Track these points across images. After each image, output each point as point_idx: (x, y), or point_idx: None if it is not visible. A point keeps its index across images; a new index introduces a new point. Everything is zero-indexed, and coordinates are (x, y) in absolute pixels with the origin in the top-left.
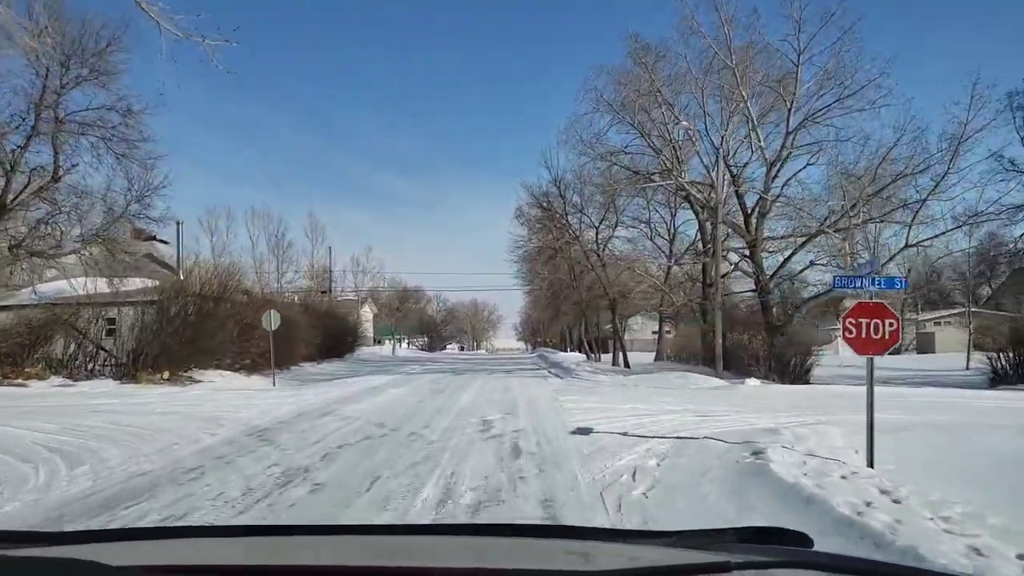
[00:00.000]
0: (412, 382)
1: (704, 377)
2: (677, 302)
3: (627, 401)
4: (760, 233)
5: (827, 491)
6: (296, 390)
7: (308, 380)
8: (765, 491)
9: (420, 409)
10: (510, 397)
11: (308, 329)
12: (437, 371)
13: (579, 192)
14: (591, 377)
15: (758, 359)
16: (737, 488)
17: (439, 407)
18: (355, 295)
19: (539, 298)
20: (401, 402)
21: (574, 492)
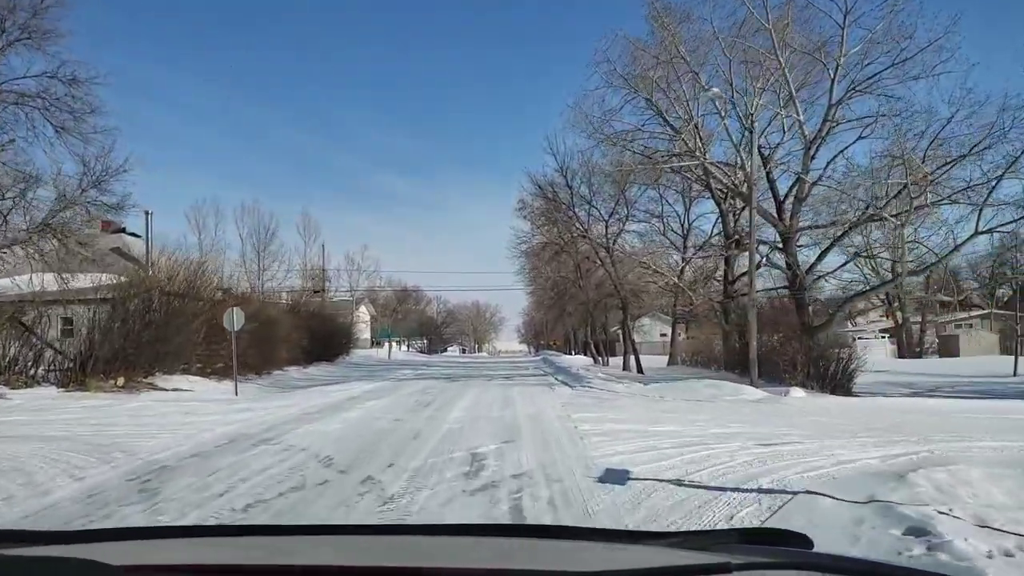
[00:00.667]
0: (399, 391)
1: (737, 386)
2: (696, 300)
3: (658, 420)
4: (795, 222)
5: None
6: (258, 401)
7: (285, 387)
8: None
9: (392, 433)
10: (510, 415)
11: (293, 330)
12: (431, 377)
13: (587, 181)
14: (604, 385)
15: (794, 365)
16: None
17: (418, 430)
18: (350, 295)
19: (542, 299)
20: (371, 422)
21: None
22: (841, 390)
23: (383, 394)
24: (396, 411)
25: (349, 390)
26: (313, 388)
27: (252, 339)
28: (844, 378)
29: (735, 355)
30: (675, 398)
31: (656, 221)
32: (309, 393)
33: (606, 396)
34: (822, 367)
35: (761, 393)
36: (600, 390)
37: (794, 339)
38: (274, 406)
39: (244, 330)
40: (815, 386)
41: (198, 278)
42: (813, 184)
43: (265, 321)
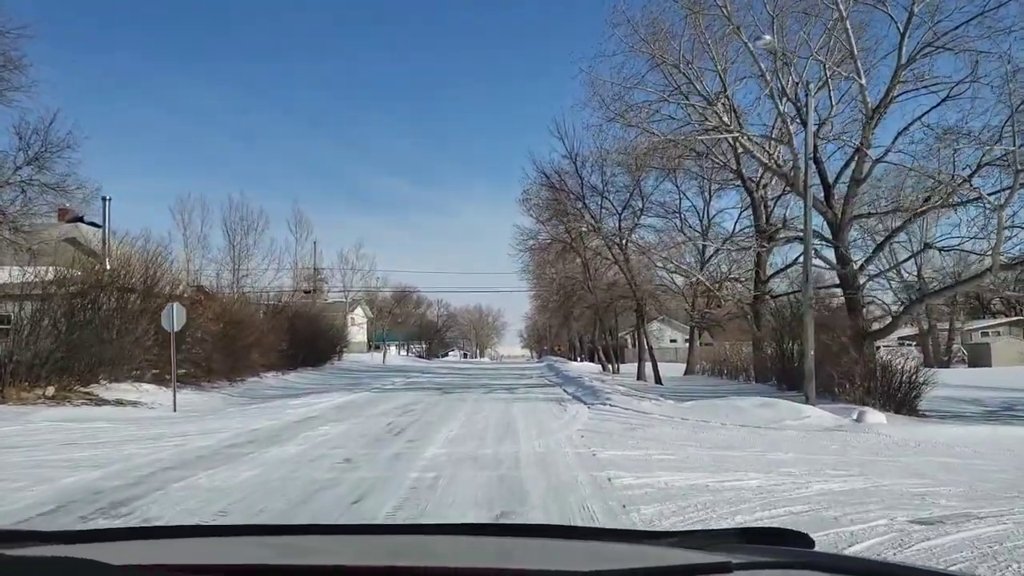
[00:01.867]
0: (374, 407)
1: (793, 406)
2: (724, 302)
3: (725, 464)
4: (850, 208)
5: None
6: (192, 421)
7: (254, 397)
8: None
9: (327, 491)
10: (510, 455)
11: (271, 333)
12: (421, 387)
13: (599, 169)
14: (627, 402)
15: (851, 378)
16: None
17: (367, 486)
18: (343, 296)
19: (547, 301)
20: (309, 465)
21: None
22: (905, 409)
23: (352, 412)
24: (354, 443)
25: (316, 404)
26: (279, 400)
27: (221, 342)
28: (912, 395)
29: (769, 365)
30: (725, 423)
31: (673, 216)
32: (265, 409)
33: (635, 419)
34: (886, 382)
35: (829, 416)
36: (624, 409)
37: (849, 347)
38: (201, 430)
39: (210, 332)
40: (876, 403)
41: (154, 271)
42: (877, 161)
43: (236, 322)
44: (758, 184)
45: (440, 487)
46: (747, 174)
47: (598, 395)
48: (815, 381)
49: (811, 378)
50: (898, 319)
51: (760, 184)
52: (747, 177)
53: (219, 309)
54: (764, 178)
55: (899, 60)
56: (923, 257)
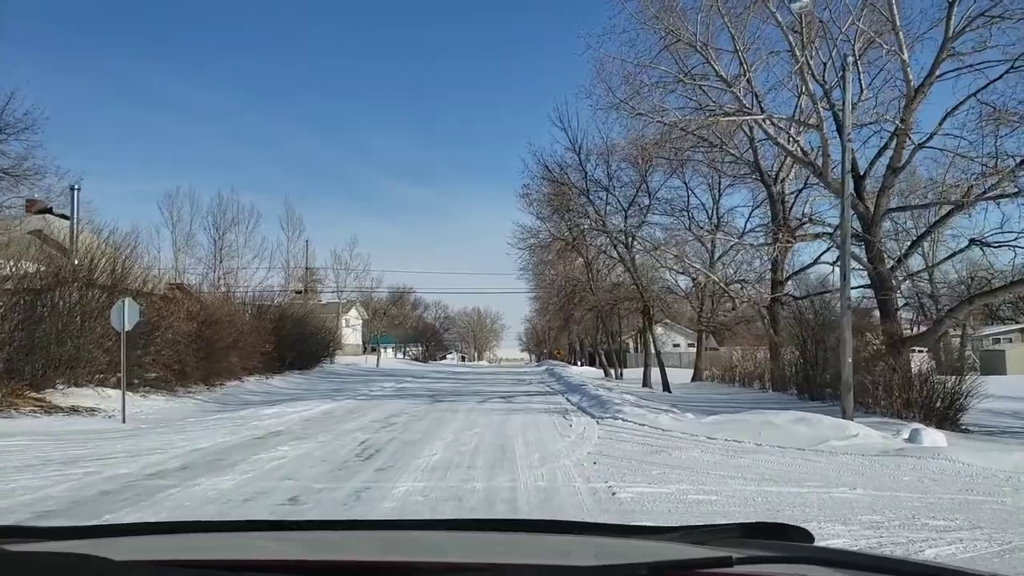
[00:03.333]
0: (351, 420)
1: (834, 421)
2: (740, 303)
3: (787, 510)
4: (885, 200)
5: None
6: (141, 436)
7: (227, 404)
8: None
9: None
10: (506, 489)
11: (254, 334)
12: (411, 394)
13: (604, 161)
14: (641, 416)
15: (888, 388)
16: None
17: None
18: (336, 296)
19: (547, 304)
20: (237, 507)
21: None
22: (949, 424)
23: (326, 426)
24: (312, 471)
25: (288, 414)
26: (251, 408)
27: (195, 343)
28: (955, 408)
29: (788, 373)
30: (760, 444)
31: (681, 214)
32: (229, 420)
33: (655, 439)
34: (927, 393)
35: (876, 435)
36: (638, 424)
37: (885, 354)
38: (134, 450)
39: (183, 332)
40: (916, 417)
41: (122, 265)
42: (920, 146)
43: (213, 322)
44: (776, 178)
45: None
46: (764, 167)
47: (606, 406)
48: (833, 390)
49: (849, 389)
50: (940, 323)
51: (778, 178)
52: (764, 170)
53: (193, 307)
54: (783, 171)
55: (947, 32)
56: (948, 257)
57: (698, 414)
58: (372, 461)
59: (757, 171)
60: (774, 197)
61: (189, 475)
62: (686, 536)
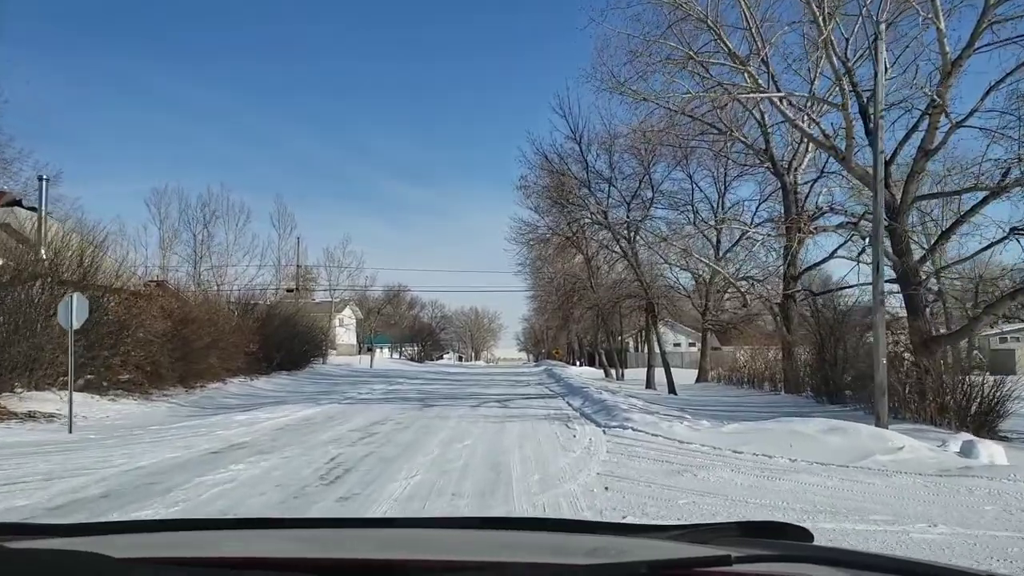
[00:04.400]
0: (328, 428)
1: (872, 431)
2: (752, 299)
3: None
4: (913, 187)
5: None
6: (87, 448)
7: (200, 409)
8: None
9: None
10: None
11: (237, 334)
12: (401, 397)
13: (607, 152)
14: (651, 424)
15: (922, 393)
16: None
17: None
18: (329, 295)
19: (545, 303)
20: None
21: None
22: (987, 431)
23: (297, 436)
24: (259, 500)
25: (260, 422)
26: (223, 415)
27: (172, 344)
28: (995, 414)
29: (802, 373)
30: (795, 459)
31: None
32: (191, 429)
33: (673, 453)
34: (963, 397)
35: (924, 448)
36: (650, 435)
37: (918, 355)
38: (57, 470)
39: (156, 331)
40: (952, 423)
41: (91, 259)
42: (958, 125)
43: (190, 321)
44: (789, 167)
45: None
46: (776, 156)
47: (612, 413)
48: (865, 395)
49: (884, 393)
50: (977, 320)
51: (791, 167)
52: (776, 159)
53: (169, 305)
54: (796, 159)
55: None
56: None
57: (713, 421)
58: (337, 486)
59: (769, 160)
60: (787, 188)
61: (103, 507)
62: (685, 535)
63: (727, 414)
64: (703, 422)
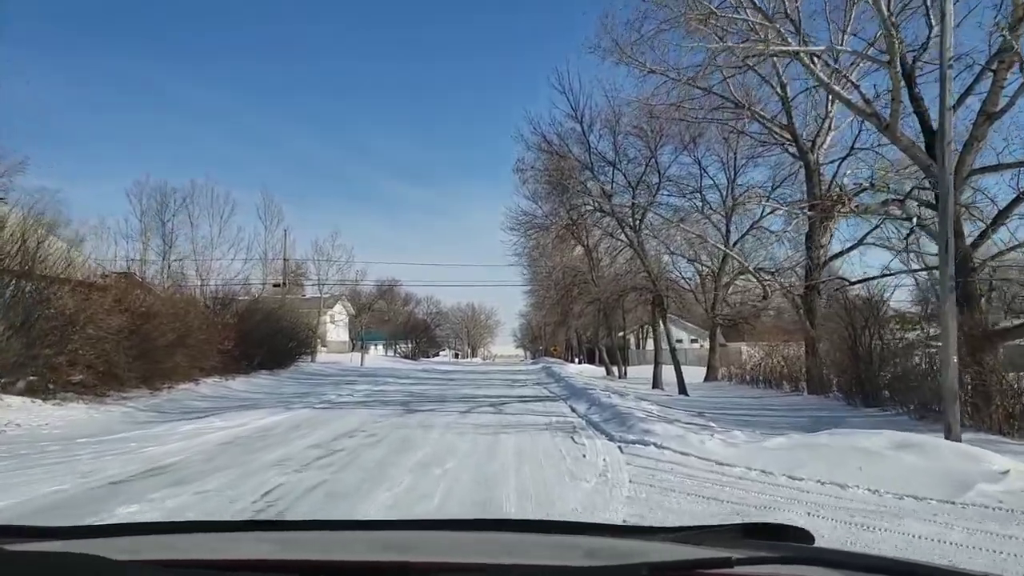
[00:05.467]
0: (281, 445)
1: (955, 447)
2: (772, 291)
3: None
4: (970, 157)
5: None
6: None
7: (158, 414)
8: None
9: None
10: None
11: (207, 330)
12: (384, 400)
13: (610, 133)
14: (675, 436)
15: (987, 397)
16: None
17: None
18: (317, 290)
19: (543, 299)
20: None
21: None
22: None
23: (240, 456)
24: None
25: (204, 435)
26: (174, 423)
27: (130, 341)
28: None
29: (829, 372)
30: (877, 490)
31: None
32: (117, 444)
33: (713, 482)
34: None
35: (1020, 468)
36: (678, 453)
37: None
38: None
39: (112, 327)
40: (1013, 431)
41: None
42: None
43: (152, 315)
44: (813, 145)
45: None
46: (802, 131)
47: (626, 422)
48: (911, 397)
49: (955, 399)
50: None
51: (815, 145)
52: (799, 136)
53: (128, 298)
54: (820, 136)
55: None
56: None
57: (747, 432)
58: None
59: (790, 136)
60: (811, 167)
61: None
62: (686, 537)
63: (754, 420)
64: (736, 433)
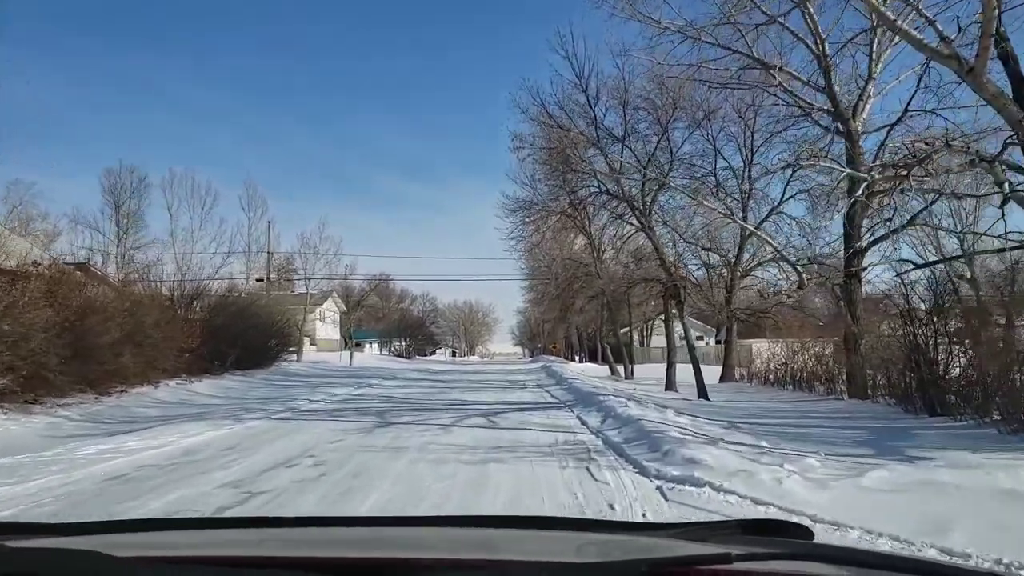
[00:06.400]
0: (175, 488)
1: None
2: (809, 279)
3: None
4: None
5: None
6: None
7: (96, 424)
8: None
9: None
10: None
11: (171, 327)
12: (359, 408)
13: (619, 103)
14: (733, 466)
15: None
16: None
17: None
18: (305, 285)
19: (542, 295)
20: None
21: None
22: None
23: (104, 505)
24: None
25: (104, 460)
26: (84, 441)
27: (63, 339)
28: None
29: (868, 372)
30: None
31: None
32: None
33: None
34: None
35: None
36: (748, 499)
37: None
38: None
39: (36, 324)
40: None
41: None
42: None
43: (94, 310)
44: (854, 112)
45: None
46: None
47: (658, 444)
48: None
49: None
50: None
51: (856, 111)
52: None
53: (56, 291)
54: (862, 101)
55: None
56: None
57: (808, 450)
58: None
59: (830, 99)
60: (854, 136)
61: None
62: (686, 533)
63: (804, 434)
64: (810, 463)
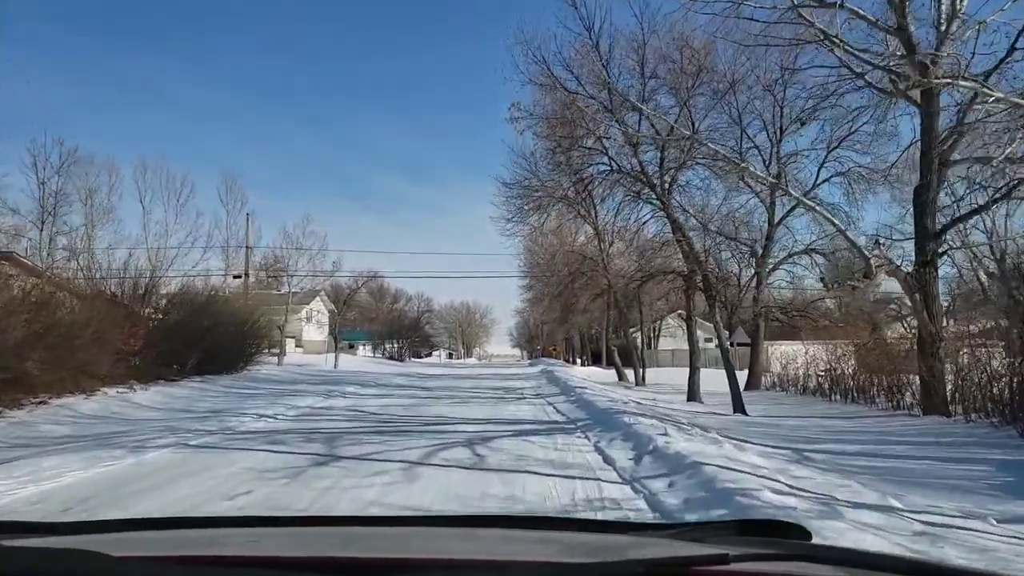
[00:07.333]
0: None
1: None
2: (878, 266)
3: None
4: None
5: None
6: None
7: None
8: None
9: None
10: None
11: (105, 325)
12: (311, 430)
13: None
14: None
15: None
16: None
17: None
18: (287, 283)
19: (542, 294)
20: None
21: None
22: None
23: None
24: None
25: None
26: None
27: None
28: None
29: (966, 385)
30: None
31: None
32: None
33: None
34: None
35: None
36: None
37: None
38: None
39: None
40: None
41: None
42: None
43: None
44: (935, 60)
45: None
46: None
47: (730, 498)
48: None
49: None
50: None
51: (933, 63)
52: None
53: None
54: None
55: None
56: None
57: (986, 519)
58: None
59: (904, 41)
60: (934, 113)
61: None
62: (682, 533)
63: (908, 472)
64: (974, 529)
